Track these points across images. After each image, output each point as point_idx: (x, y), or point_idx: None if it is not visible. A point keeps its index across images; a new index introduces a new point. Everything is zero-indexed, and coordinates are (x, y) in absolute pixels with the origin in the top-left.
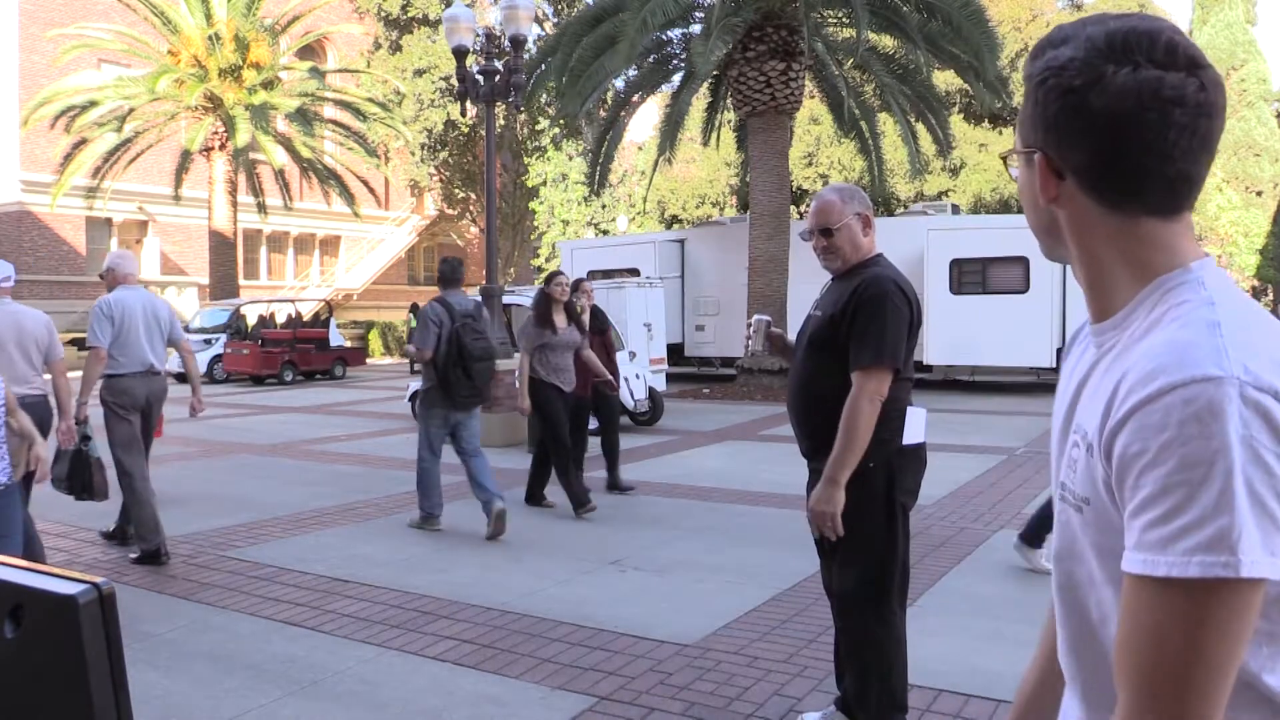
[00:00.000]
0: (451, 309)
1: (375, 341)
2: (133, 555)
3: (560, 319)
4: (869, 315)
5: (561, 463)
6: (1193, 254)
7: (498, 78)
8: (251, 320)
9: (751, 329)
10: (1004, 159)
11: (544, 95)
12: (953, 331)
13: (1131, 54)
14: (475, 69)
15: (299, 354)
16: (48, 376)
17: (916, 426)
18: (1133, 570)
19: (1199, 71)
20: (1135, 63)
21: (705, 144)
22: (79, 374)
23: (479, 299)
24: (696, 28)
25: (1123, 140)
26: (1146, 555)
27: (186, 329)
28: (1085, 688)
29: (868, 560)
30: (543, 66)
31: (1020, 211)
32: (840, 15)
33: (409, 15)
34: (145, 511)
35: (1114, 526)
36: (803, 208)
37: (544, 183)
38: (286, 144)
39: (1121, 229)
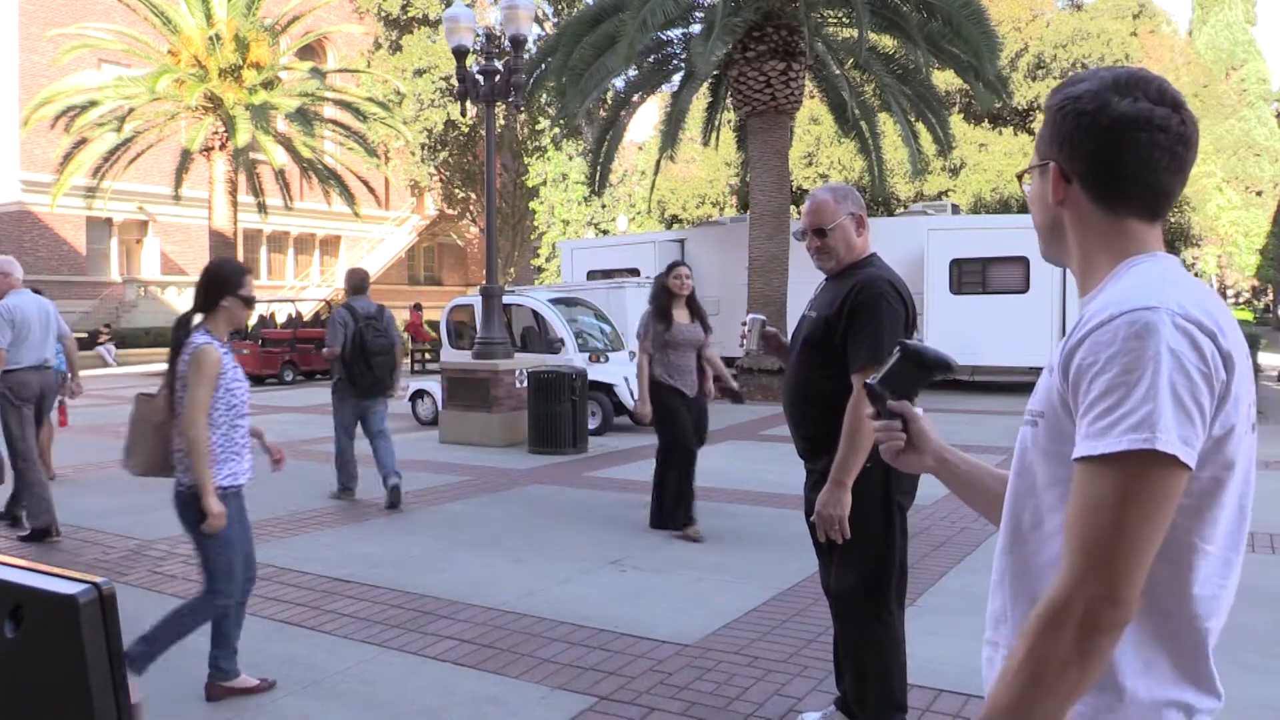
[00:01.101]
0: (355, 312)
1: None
2: (22, 533)
3: (681, 314)
4: (865, 316)
5: (685, 472)
6: (1160, 250)
7: (498, 78)
8: (252, 320)
9: (747, 328)
10: (1019, 177)
11: (544, 95)
12: (952, 331)
13: (1133, 90)
14: (475, 69)
15: (299, 354)
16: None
17: None
18: (1079, 454)
19: (1181, 110)
20: (1135, 96)
21: (705, 144)
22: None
23: (380, 304)
24: (696, 28)
25: (1119, 153)
26: (1090, 442)
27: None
28: (1011, 583)
29: (865, 560)
30: (543, 66)
31: (1021, 211)
32: (840, 15)
33: (409, 15)
34: (38, 491)
35: (1063, 434)
36: (802, 207)
37: (544, 183)
38: (287, 144)
39: (1112, 226)
